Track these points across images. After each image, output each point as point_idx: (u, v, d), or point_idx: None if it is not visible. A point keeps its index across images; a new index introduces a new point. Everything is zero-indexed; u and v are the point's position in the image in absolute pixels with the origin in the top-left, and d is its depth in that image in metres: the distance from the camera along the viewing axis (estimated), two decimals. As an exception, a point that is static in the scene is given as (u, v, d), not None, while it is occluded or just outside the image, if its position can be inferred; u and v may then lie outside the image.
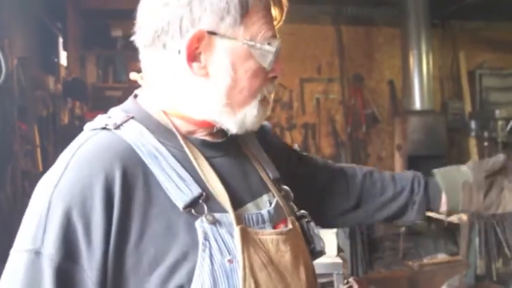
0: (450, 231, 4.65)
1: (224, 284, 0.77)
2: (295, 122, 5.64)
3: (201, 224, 0.79)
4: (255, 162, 0.99)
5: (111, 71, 5.27)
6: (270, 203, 0.93)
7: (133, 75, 0.92)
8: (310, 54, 5.71)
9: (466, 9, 5.66)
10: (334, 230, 2.20)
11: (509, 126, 5.41)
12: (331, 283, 2.28)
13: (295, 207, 1.03)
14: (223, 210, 0.82)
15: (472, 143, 5.77)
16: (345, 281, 2.07)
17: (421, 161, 5.31)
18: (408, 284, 3.16)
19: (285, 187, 1.02)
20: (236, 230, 0.80)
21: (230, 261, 0.79)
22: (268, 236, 0.86)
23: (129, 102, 0.91)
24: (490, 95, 6.06)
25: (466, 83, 6.03)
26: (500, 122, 5.41)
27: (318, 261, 1.08)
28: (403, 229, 4.91)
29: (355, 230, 5.38)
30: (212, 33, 0.82)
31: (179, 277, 0.77)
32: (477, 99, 6.04)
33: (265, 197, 0.93)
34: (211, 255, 0.78)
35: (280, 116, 5.61)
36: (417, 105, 5.42)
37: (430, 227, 5.02)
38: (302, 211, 1.02)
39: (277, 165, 1.03)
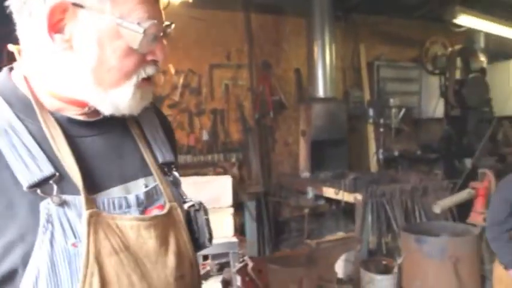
0: (349, 211, 4.97)
1: (65, 269, 0.74)
2: (204, 107, 5.65)
3: (46, 206, 0.76)
4: (142, 144, 0.96)
5: None
6: (147, 187, 0.91)
7: (11, 47, 0.88)
8: (220, 41, 5.73)
9: (368, 4, 6.03)
10: (231, 211, 2.28)
11: (401, 114, 5.88)
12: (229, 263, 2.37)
13: (184, 194, 1.02)
14: (76, 192, 0.79)
15: (370, 129, 6.19)
16: (241, 260, 2.17)
17: (324, 146, 5.62)
18: (307, 260, 3.36)
19: (175, 173, 1.01)
20: (84, 214, 0.77)
21: (74, 245, 0.76)
22: (128, 221, 0.83)
23: (1, 73, 0.88)
24: (386, 85, 6.53)
25: (366, 74, 6.44)
26: (393, 110, 5.86)
27: (215, 241, 1.11)
28: (306, 211, 5.16)
29: (262, 213, 5.59)
30: (77, 5, 0.78)
31: (12, 259, 0.73)
32: (375, 88, 6.47)
33: (141, 181, 0.91)
34: (52, 238, 0.74)
35: (189, 102, 5.59)
36: (321, 93, 5.68)
37: (331, 207, 5.34)
38: (191, 199, 1.01)
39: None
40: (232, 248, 2.21)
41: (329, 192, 4.76)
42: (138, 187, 0.90)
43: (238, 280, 2.18)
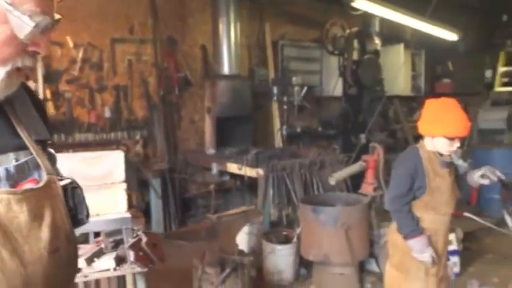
0: (253, 186, 5.11)
1: None
2: (106, 83, 5.43)
3: None
4: (15, 120, 0.95)
5: None
6: (17, 161, 0.90)
7: None
8: (122, 13, 5.50)
9: (272, -16, 6.13)
10: (124, 186, 2.26)
11: (303, 92, 6.12)
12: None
13: (59, 171, 1.02)
14: None
15: (275, 106, 6.38)
16: (135, 235, 2.17)
17: (229, 122, 5.69)
18: (208, 234, 3.44)
19: (50, 150, 1.01)
20: None
21: None
22: None
23: None
24: (290, 64, 6.74)
25: (271, 52, 6.58)
26: (296, 88, 6.08)
27: (107, 218, 1.11)
28: (212, 187, 5.22)
29: (167, 191, 5.56)
30: None
31: None
32: (279, 67, 6.65)
33: (11, 155, 0.90)
34: None
35: (89, 77, 5.33)
36: (226, 70, 5.72)
37: (236, 183, 5.45)
38: (68, 177, 1.01)
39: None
40: (125, 224, 2.20)
41: (233, 167, 4.85)
42: (8, 161, 0.89)
43: (131, 255, 2.18)
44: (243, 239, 4.05)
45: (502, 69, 8.04)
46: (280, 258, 4.09)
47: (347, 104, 6.52)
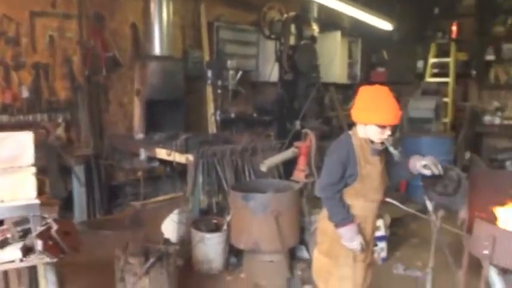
0: (184, 173, 4.98)
1: None
2: (24, 60, 5.04)
3: None
4: None
5: None
6: None
7: None
8: (43, -16, 5.12)
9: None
10: (33, 170, 2.07)
11: (238, 76, 6.04)
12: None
13: None
14: None
15: (209, 90, 6.25)
16: (44, 223, 2.00)
17: (160, 106, 5.50)
18: (131, 223, 3.30)
19: None
20: None
21: None
22: None
23: None
24: (226, 47, 6.62)
25: (206, 34, 6.42)
26: (231, 72, 5.98)
27: (11, 204, 0.97)
28: (140, 173, 5.04)
29: (92, 178, 5.30)
30: None
31: None
32: (214, 49, 6.51)
33: None
34: None
35: (5, 53, 4.92)
36: (157, 50, 5.51)
37: (166, 170, 5.30)
38: None
39: None
40: (33, 211, 2.02)
41: (162, 153, 4.70)
42: None
43: (39, 245, 2.01)
44: (170, 228, 3.94)
45: (432, 60, 8.39)
46: (210, 247, 4.04)
47: (283, 89, 6.51)
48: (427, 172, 2.60)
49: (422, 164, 2.60)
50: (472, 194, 2.69)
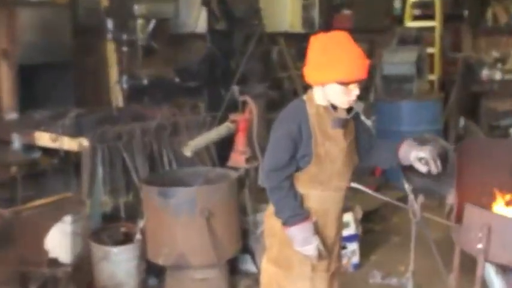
0: (79, 165, 4.84)
1: None
2: None
3: None
4: None
5: None
6: None
7: None
8: None
9: None
10: None
11: (150, 27, 5.88)
12: None
13: None
14: None
15: (110, 48, 6.06)
16: None
17: (39, 73, 5.29)
18: (-2, 239, 3.17)
19: None
20: None
21: None
22: None
23: None
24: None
25: (101, -32, 6.19)
26: (140, 21, 5.81)
27: None
28: (15, 169, 4.84)
29: None
30: None
31: None
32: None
33: None
34: None
35: None
36: (31, -7, 5.27)
37: (53, 162, 5.12)
38: None
39: None
40: None
41: (44, 139, 4.58)
42: None
43: None
44: (58, 243, 3.84)
45: (412, -2, 8.56)
46: (118, 265, 4.01)
47: (214, 44, 6.44)
48: (422, 168, 2.60)
49: (418, 156, 2.60)
50: (462, 172, 2.75)
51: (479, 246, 2.49)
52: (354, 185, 2.75)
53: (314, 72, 2.51)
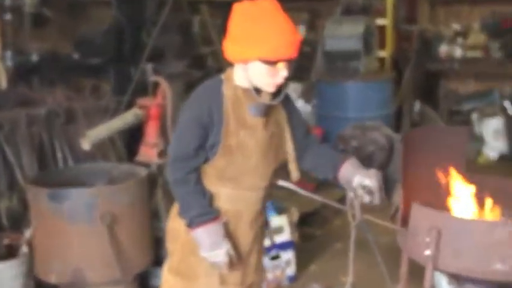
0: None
1: None
2: None
3: None
4: None
5: None
6: None
7: None
8: None
9: None
10: None
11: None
12: None
13: None
14: None
15: (-12, 16, 5.88)
16: None
17: None
18: None
19: None
20: None
21: None
22: None
23: None
24: None
25: None
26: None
27: None
28: None
29: None
30: None
31: None
32: None
33: None
34: None
35: None
36: None
37: None
38: None
39: None
40: None
41: None
42: None
43: None
44: None
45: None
46: (0, 285, 3.94)
47: (121, 12, 6.36)
48: (366, 199, 2.62)
49: (362, 184, 2.62)
50: (409, 166, 2.80)
51: (427, 252, 2.54)
52: (283, 183, 2.75)
53: (234, 47, 2.51)
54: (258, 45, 2.42)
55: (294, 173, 2.80)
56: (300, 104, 7.48)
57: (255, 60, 2.46)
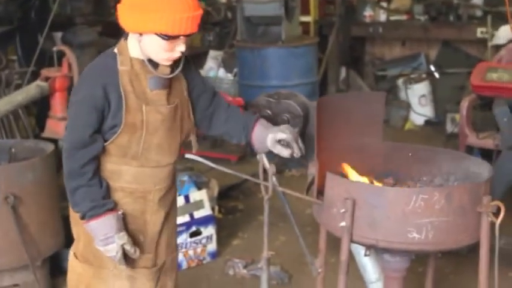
0: None
1: None
2: None
3: None
4: None
5: None
6: None
7: None
8: None
9: None
10: None
11: None
12: None
13: None
14: None
15: None
16: None
17: None
18: None
19: None
20: None
21: None
22: None
23: None
24: None
25: None
26: None
27: None
28: None
29: None
30: None
31: None
32: None
33: None
34: None
35: None
36: None
37: None
38: None
39: None
40: None
41: None
42: None
43: None
44: None
45: None
46: None
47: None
48: (284, 152, 2.64)
49: (277, 138, 2.63)
50: (324, 133, 2.76)
51: (343, 224, 2.53)
52: (190, 156, 2.68)
53: (130, 16, 2.41)
54: (157, 18, 2.34)
55: (194, 146, 2.79)
56: (221, 73, 7.44)
57: (150, 33, 2.38)
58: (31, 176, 3.86)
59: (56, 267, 4.25)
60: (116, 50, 2.52)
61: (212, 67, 7.65)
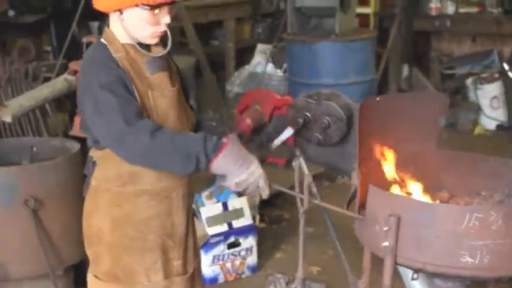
0: None
1: None
2: None
3: None
4: None
5: None
6: None
7: None
8: None
9: None
10: None
11: None
12: None
13: None
14: None
15: None
16: None
17: None
18: None
19: None
20: None
21: None
22: None
23: None
24: None
25: None
26: None
27: None
28: None
29: None
30: None
31: None
32: None
33: None
34: None
35: None
36: None
37: None
38: None
39: None
40: None
41: None
42: None
43: None
44: None
45: None
46: None
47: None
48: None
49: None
50: (368, 139, 2.67)
51: (385, 244, 2.42)
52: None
53: None
54: None
55: None
56: (270, 69, 7.40)
57: (132, 6, 2.34)
58: (54, 178, 3.85)
59: (80, 277, 4.25)
60: (103, 40, 2.48)
61: (260, 62, 7.62)
